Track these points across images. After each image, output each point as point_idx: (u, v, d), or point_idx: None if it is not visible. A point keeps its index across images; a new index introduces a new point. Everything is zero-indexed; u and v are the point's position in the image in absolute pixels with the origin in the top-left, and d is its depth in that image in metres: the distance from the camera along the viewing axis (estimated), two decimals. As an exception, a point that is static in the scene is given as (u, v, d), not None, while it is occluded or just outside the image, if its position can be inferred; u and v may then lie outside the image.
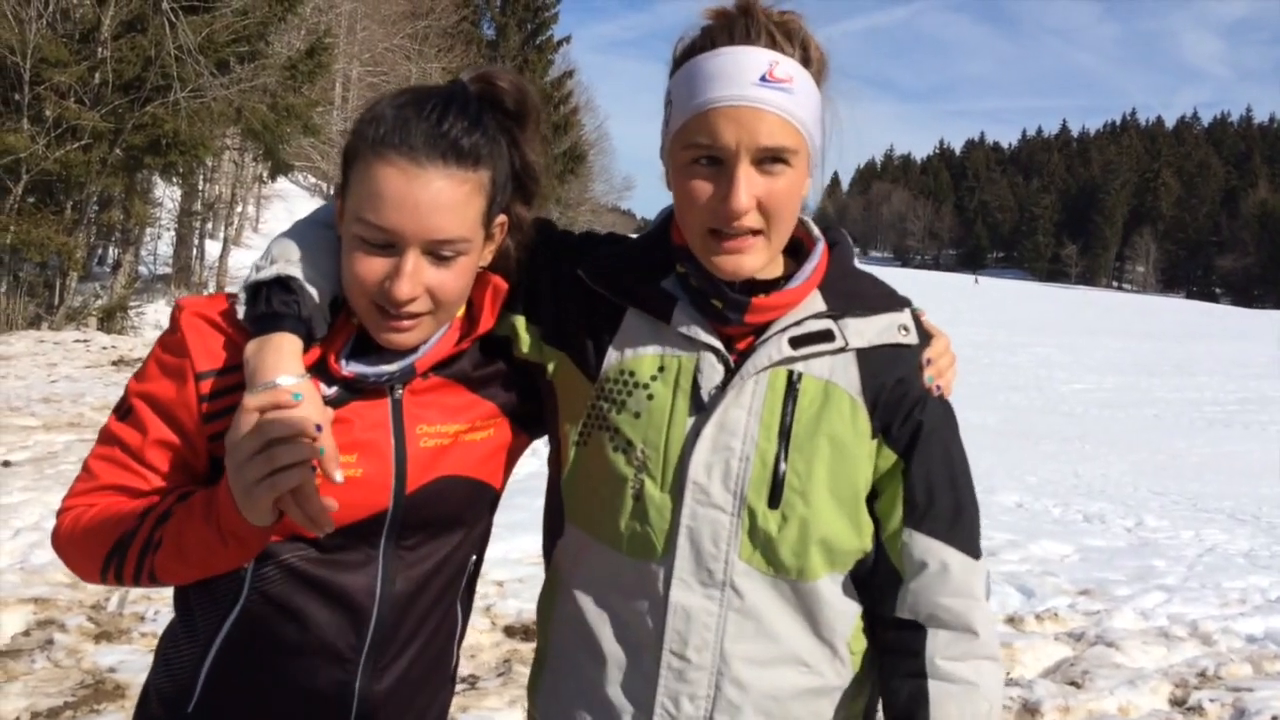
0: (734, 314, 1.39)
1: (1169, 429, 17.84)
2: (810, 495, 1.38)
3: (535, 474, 1.65)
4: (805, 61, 1.35)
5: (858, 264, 1.55)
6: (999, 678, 1.44)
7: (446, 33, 39.55)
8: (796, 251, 1.50)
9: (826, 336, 1.42)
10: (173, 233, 24.93)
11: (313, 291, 1.39)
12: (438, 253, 1.35)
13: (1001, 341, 36.18)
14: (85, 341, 16.01)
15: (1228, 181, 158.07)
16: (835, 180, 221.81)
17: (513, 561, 5.66)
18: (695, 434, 1.38)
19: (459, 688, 1.72)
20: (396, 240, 1.33)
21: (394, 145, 1.32)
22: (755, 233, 1.35)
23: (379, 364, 1.42)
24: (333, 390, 1.40)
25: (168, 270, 24.91)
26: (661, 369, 1.42)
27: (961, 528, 1.44)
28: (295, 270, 1.39)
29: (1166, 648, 5.24)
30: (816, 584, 1.41)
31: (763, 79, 1.30)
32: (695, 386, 1.40)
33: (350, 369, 1.40)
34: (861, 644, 1.48)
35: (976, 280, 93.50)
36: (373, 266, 1.34)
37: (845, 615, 1.45)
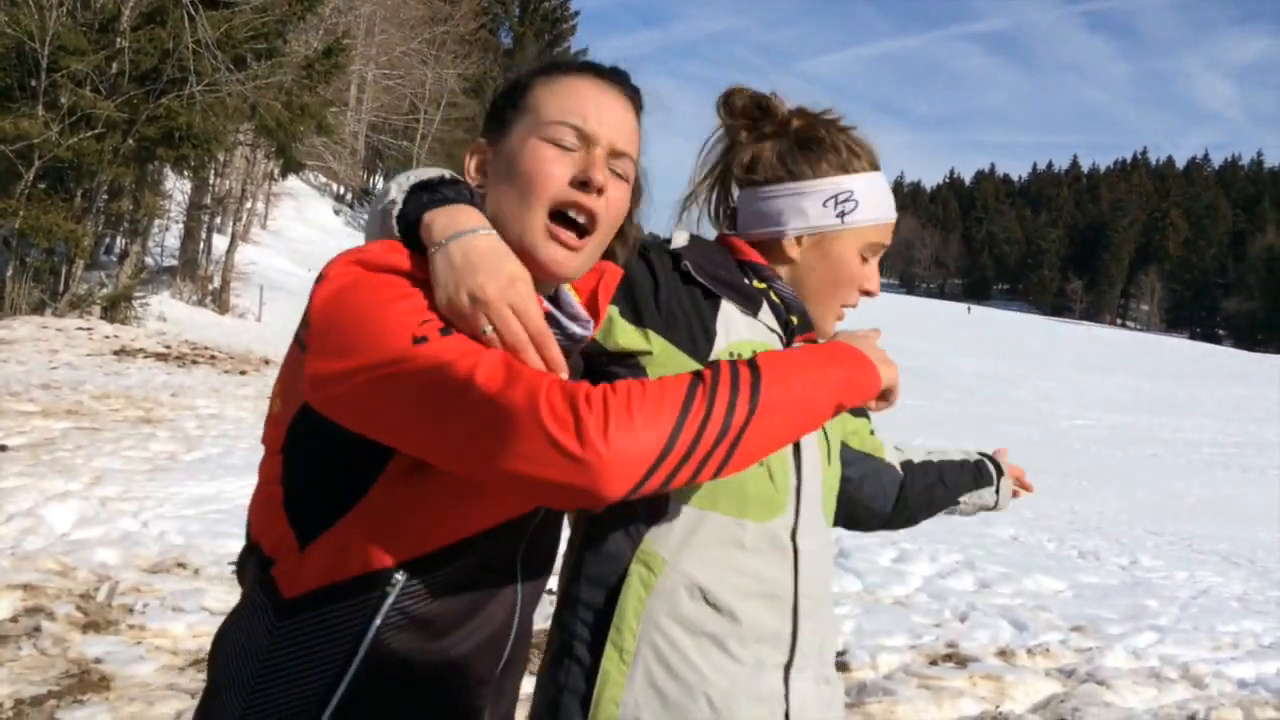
0: (803, 330, 1.76)
1: (1167, 469, 17.82)
2: (834, 457, 1.79)
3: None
4: None
5: None
6: None
7: (464, 39, 39.72)
8: None
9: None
10: (181, 225, 24.98)
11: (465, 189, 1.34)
12: (614, 167, 1.38)
13: (1004, 374, 36.19)
14: (88, 330, 16.03)
15: (1235, 224, 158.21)
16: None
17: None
18: None
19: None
20: (591, 139, 1.35)
21: (582, 68, 1.42)
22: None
23: (564, 318, 1.35)
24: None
25: (174, 263, 24.95)
26: (755, 351, 1.60)
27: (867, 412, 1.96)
28: (439, 176, 1.35)
29: (1157, 689, 5.21)
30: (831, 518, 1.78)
31: None
32: None
33: (547, 305, 1.31)
34: None
35: (969, 310, 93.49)
36: (565, 160, 1.34)
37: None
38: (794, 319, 1.73)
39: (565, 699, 1.56)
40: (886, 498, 2.02)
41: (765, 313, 1.71)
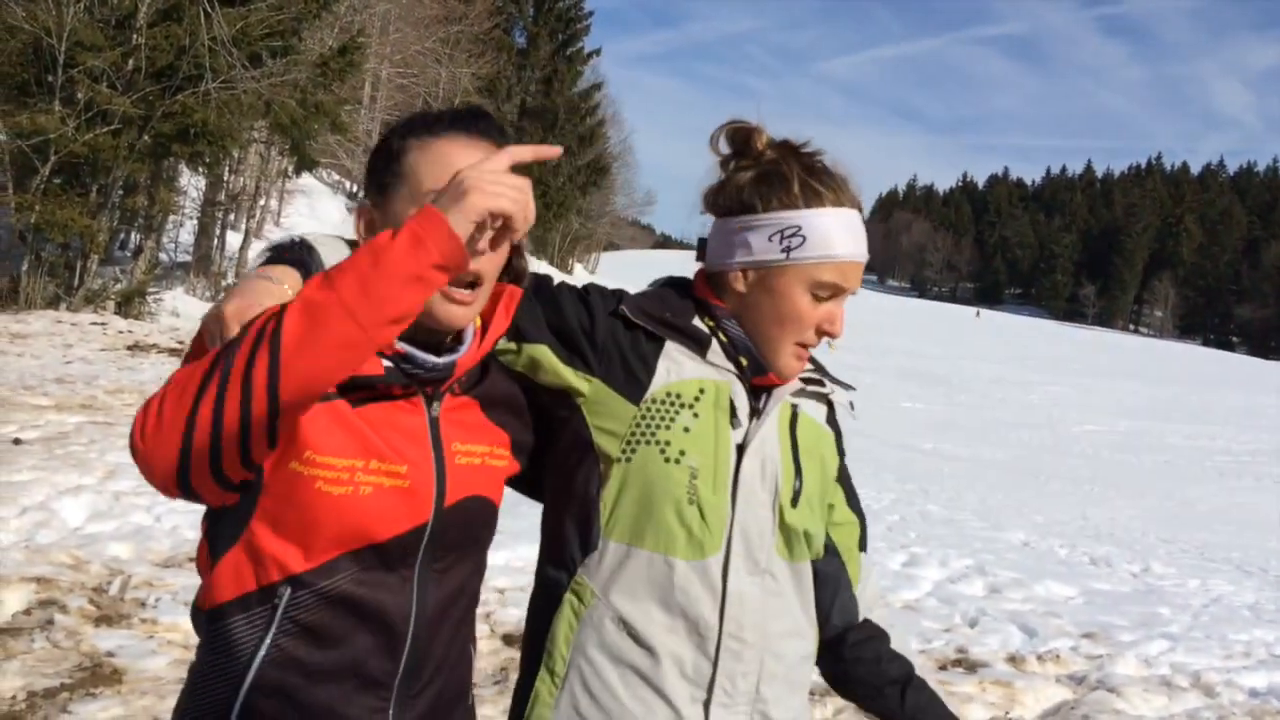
0: (755, 373, 1.70)
1: (1180, 476, 17.72)
2: (812, 500, 1.72)
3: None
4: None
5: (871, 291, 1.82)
6: None
7: (478, 39, 39.77)
8: None
9: (821, 384, 1.80)
10: (195, 222, 25.07)
11: (321, 253, 1.46)
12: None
13: (1014, 378, 36.07)
14: (102, 324, 16.10)
15: (1250, 231, 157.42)
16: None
17: (515, 570, 5.66)
18: (741, 445, 1.65)
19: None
20: None
21: (450, 126, 1.47)
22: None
23: (425, 354, 1.47)
24: (390, 364, 1.44)
25: (188, 259, 25.04)
26: (702, 391, 1.66)
27: (865, 532, 1.88)
28: (315, 243, 1.49)
29: (1168, 697, 5.19)
30: (804, 565, 1.73)
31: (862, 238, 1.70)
32: (732, 407, 1.67)
33: (401, 346, 1.44)
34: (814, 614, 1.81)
35: (978, 314, 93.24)
36: None
37: (810, 584, 1.77)
38: (742, 359, 1.69)
39: (510, 714, 1.71)
40: (825, 621, 1.79)
41: (715, 352, 1.68)
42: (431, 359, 1.47)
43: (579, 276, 62.31)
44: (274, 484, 1.40)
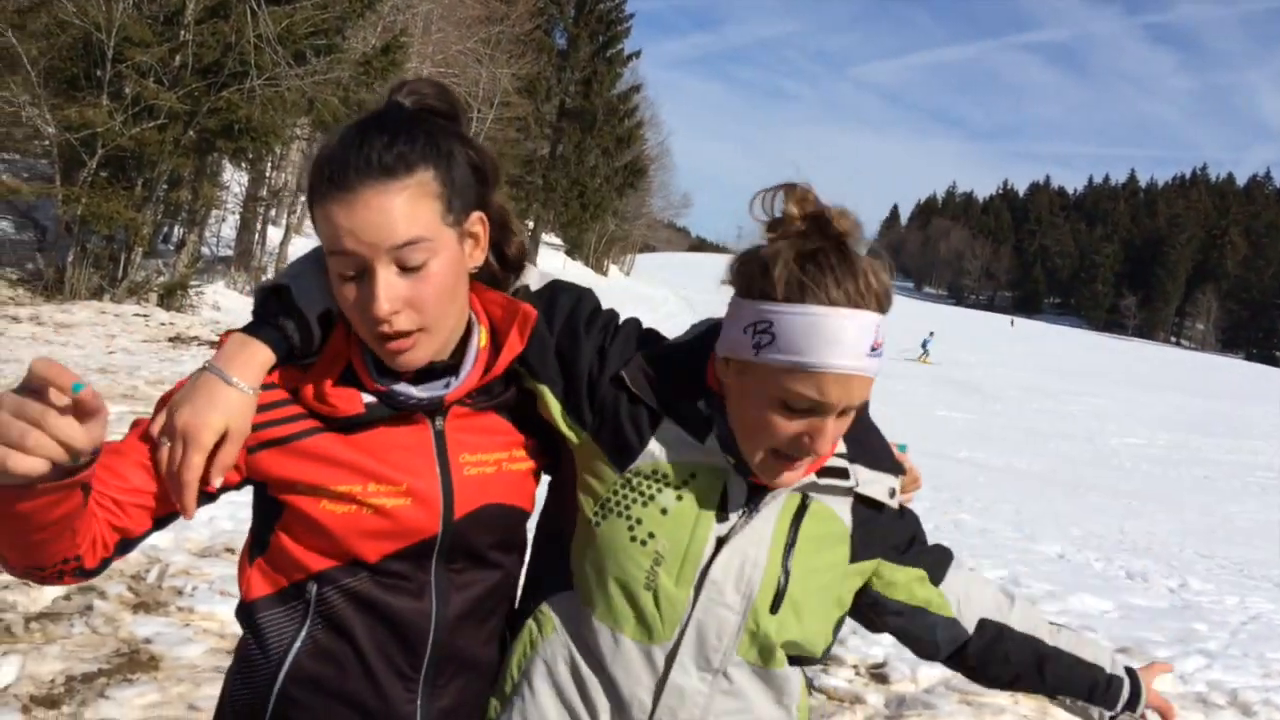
0: (742, 472, 1.54)
1: (1220, 491, 17.47)
2: (802, 607, 1.55)
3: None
4: (888, 307, 1.47)
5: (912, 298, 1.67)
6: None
7: (519, 40, 39.92)
8: None
9: (844, 474, 1.59)
10: (237, 217, 25.34)
11: (299, 300, 1.47)
12: (404, 262, 1.38)
13: (1053, 389, 35.71)
14: (145, 316, 16.33)
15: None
16: (894, 213, 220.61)
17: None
18: (719, 540, 1.52)
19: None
20: (362, 263, 1.38)
21: (332, 183, 1.38)
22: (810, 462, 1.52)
23: (409, 388, 1.48)
24: (373, 400, 1.47)
25: (229, 253, 25.32)
26: (694, 475, 1.53)
27: (944, 553, 1.77)
28: (290, 282, 1.49)
29: (1204, 714, 5.12)
30: (786, 669, 1.60)
31: (871, 349, 1.41)
32: (724, 498, 1.53)
33: (382, 383, 1.47)
34: (804, 700, 1.70)
35: (1012, 323, 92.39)
36: (355, 294, 1.40)
37: (798, 684, 1.65)
38: (730, 458, 1.52)
39: None
40: (938, 650, 1.75)
41: (713, 440, 1.53)
42: (413, 393, 1.47)
43: (613, 278, 62.28)
44: (287, 507, 1.48)
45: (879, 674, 5.03)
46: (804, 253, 1.41)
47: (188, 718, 3.69)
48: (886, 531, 1.67)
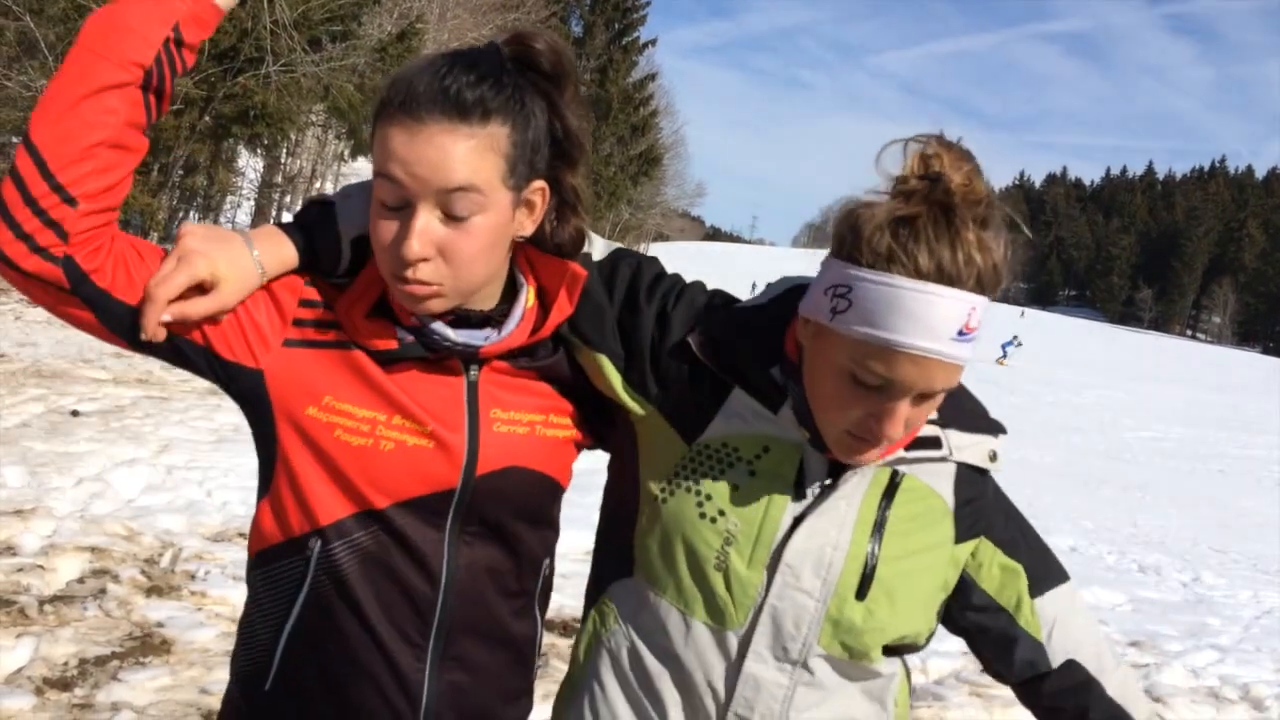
0: (818, 447, 1.40)
1: (1234, 486, 17.37)
2: (896, 593, 1.41)
3: (586, 470, 1.63)
4: (995, 282, 1.29)
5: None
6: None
7: (518, 27, 39.86)
8: None
9: (935, 444, 1.44)
10: (252, 202, 25.43)
11: (340, 218, 1.41)
12: (450, 209, 1.29)
13: (1066, 381, 35.55)
14: (159, 301, 16.39)
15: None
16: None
17: (558, 555, 5.67)
18: (795, 519, 1.39)
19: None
20: (407, 196, 1.29)
21: (399, 105, 1.29)
22: (887, 443, 1.35)
23: (445, 329, 1.39)
24: (409, 339, 1.38)
25: (244, 239, 25.43)
26: (767, 449, 1.41)
27: (1054, 566, 1.58)
28: (338, 199, 1.43)
29: (1215, 709, 5.10)
30: (880, 664, 1.47)
31: (960, 333, 1.25)
32: (801, 474, 1.40)
33: (415, 319, 1.38)
34: (904, 694, 1.57)
35: (1023, 314, 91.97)
36: (389, 228, 1.31)
37: (895, 677, 1.52)
38: (805, 432, 1.40)
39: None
40: (1011, 669, 1.57)
41: (786, 412, 1.41)
42: (448, 334, 1.39)
43: (628, 266, 62.08)
44: (294, 431, 1.39)
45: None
46: (901, 216, 1.26)
47: (200, 701, 3.72)
48: (992, 514, 1.52)
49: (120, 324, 1.32)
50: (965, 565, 1.51)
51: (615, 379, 1.47)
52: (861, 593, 1.39)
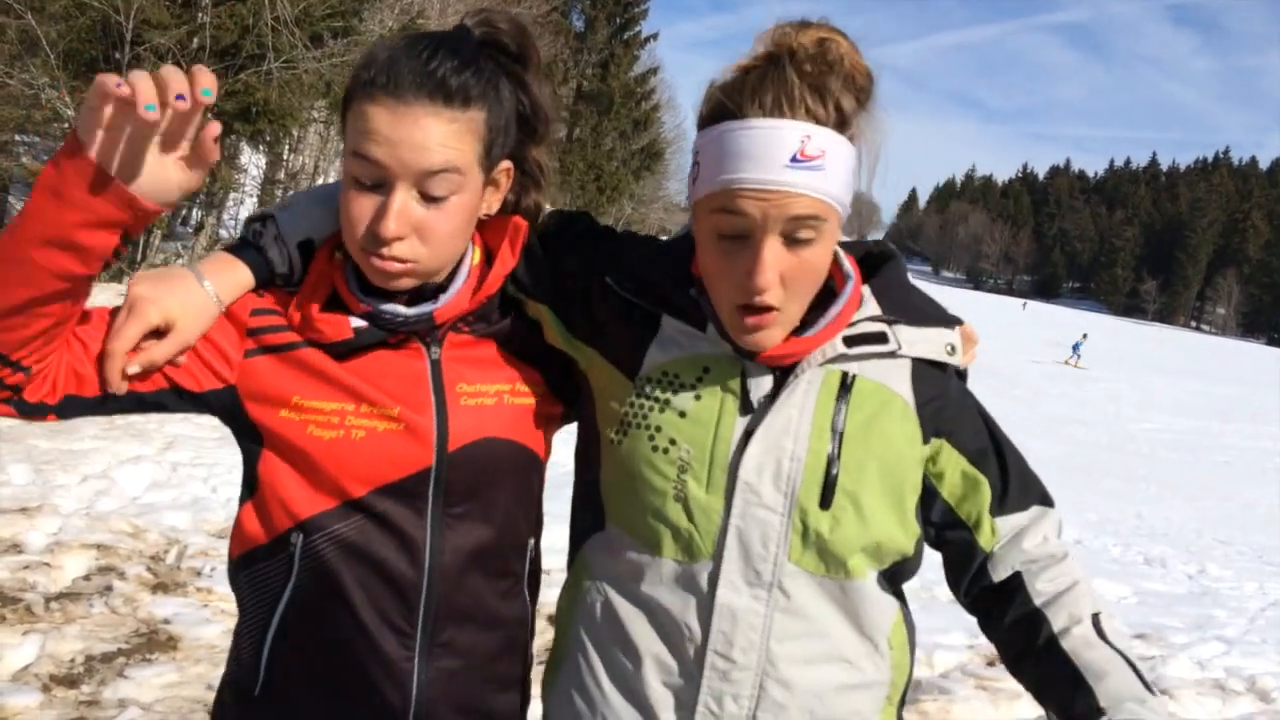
0: (747, 356, 1.38)
1: (1240, 477, 17.35)
2: (861, 497, 1.36)
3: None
4: (840, 123, 1.28)
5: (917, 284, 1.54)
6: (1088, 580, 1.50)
7: (536, 22, 39.78)
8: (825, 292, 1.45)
9: (880, 339, 1.40)
10: (255, 199, 25.41)
11: (282, 228, 1.44)
12: (428, 190, 1.32)
13: (1069, 373, 35.50)
14: (163, 299, 16.41)
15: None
16: (912, 196, 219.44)
17: (557, 551, 5.67)
18: (746, 434, 1.36)
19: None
20: (385, 176, 1.31)
21: (381, 85, 1.30)
22: (778, 309, 1.32)
23: (397, 306, 1.41)
24: (363, 325, 1.40)
25: (247, 235, 25.41)
26: (707, 370, 1.40)
27: (1032, 491, 1.50)
28: (276, 212, 1.46)
29: (1222, 700, 5.10)
30: (862, 582, 1.40)
31: (793, 159, 1.24)
32: (744, 389, 1.38)
33: (367, 303, 1.40)
34: (901, 637, 1.50)
35: (1024, 305, 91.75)
36: (363, 205, 1.33)
37: (887, 612, 1.46)
38: (728, 344, 1.39)
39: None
40: (957, 587, 1.53)
41: (713, 331, 1.39)
42: (401, 311, 1.41)
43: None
44: (271, 434, 1.41)
45: (894, 658, 5.03)
46: (733, 77, 1.30)
47: (206, 697, 3.72)
48: (958, 416, 1.47)
49: (80, 408, 1.33)
50: (927, 471, 1.45)
51: (556, 325, 1.49)
52: (825, 501, 1.35)
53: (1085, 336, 40.51)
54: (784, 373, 1.38)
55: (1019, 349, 39.34)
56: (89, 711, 3.54)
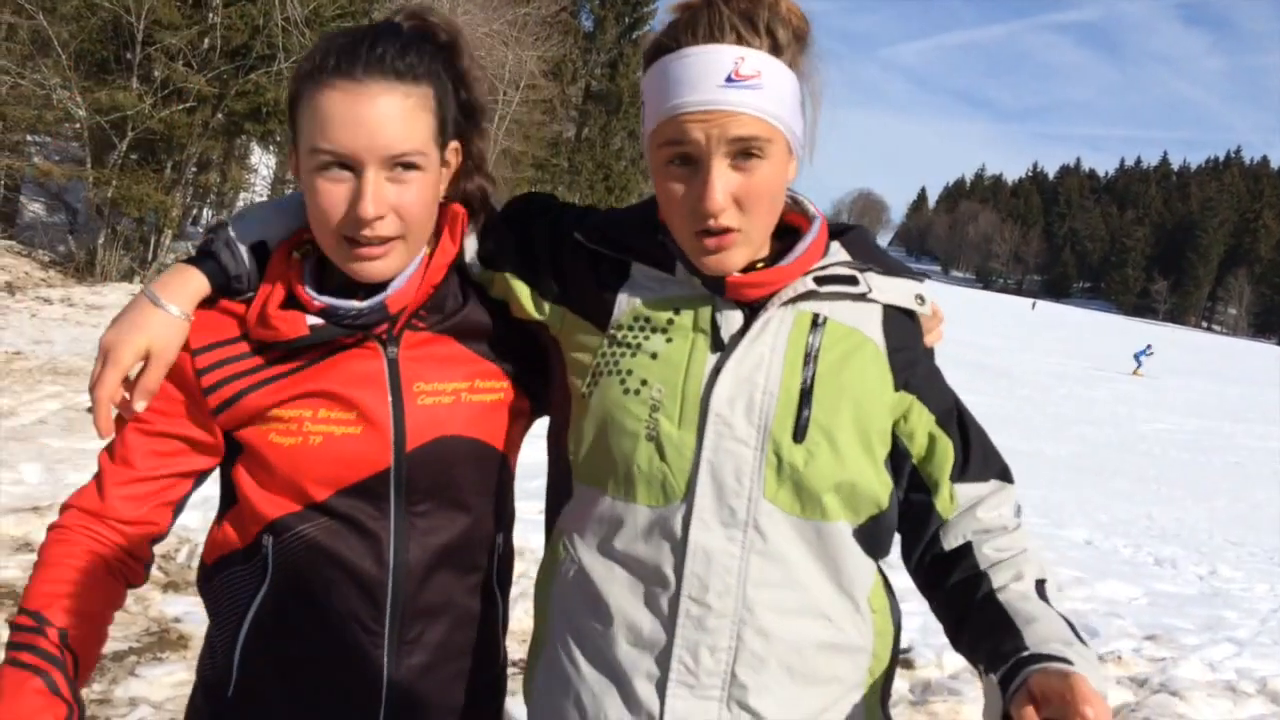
0: (716, 291, 1.40)
1: (1251, 478, 17.28)
2: (835, 433, 1.36)
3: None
4: (774, 49, 1.32)
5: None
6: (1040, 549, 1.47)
7: (545, 22, 39.81)
8: (794, 236, 1.47)
9: (851, 281, 1.42)
10: (265, 199, 25.51)
11: (235, 234, 1.47)
12: (396, 165, 1.35)
13: (1078, 374, 35.40)
14: (173, 298, 16.45)
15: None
16: (922, 196, 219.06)
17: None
18: (717, 370, 1.36)
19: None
20: (353, 161, 1.34)
21: (333, 70, 1.34)
22: (736, 230, 1.34)
23: (350, 301, 1.43)
24: (318, 322, 1.42)
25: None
26: (678, 311, 1.41)
27: (992, 464, 1.49)
28: (230, 220, 1.50)
29: (1233, 702, 5.07)
30: (837, 525, 1.38)
31: (729, 79, 1.28)
32: (715, 327, 1.39)
33: (321, 300, 1.42)
34: (882, 601, 1.48)
35: (1033, 305, 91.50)
36: (335, 194, 1.35)
37: (865, 569, 1.44)
38: (696, 279, 1.40)
39: None
40: (909, 554, 1.50)
41: (681, 269, 1.42)
42: (355, 306, 1.42)
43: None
44: (243, 443, 1.46)
45: (904, 659, 5.02)
46: (668, 19, 1.36)
47: (216, 696, 3.73)
48: (926, 374, 1.47)
49: (159, 538, 1.54)
50: (897, 429, 1.44)
51: (524, 291, 1.50)
52: (799, 434, 1.34)
53: (1149, 347, 40.19)
54: (753, 310, 1.39)
55: (1029, 349, 39.21)
56: (100, 710, 3.56)
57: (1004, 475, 1.50)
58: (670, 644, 1.36)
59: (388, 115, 1.33)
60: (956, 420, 1.48)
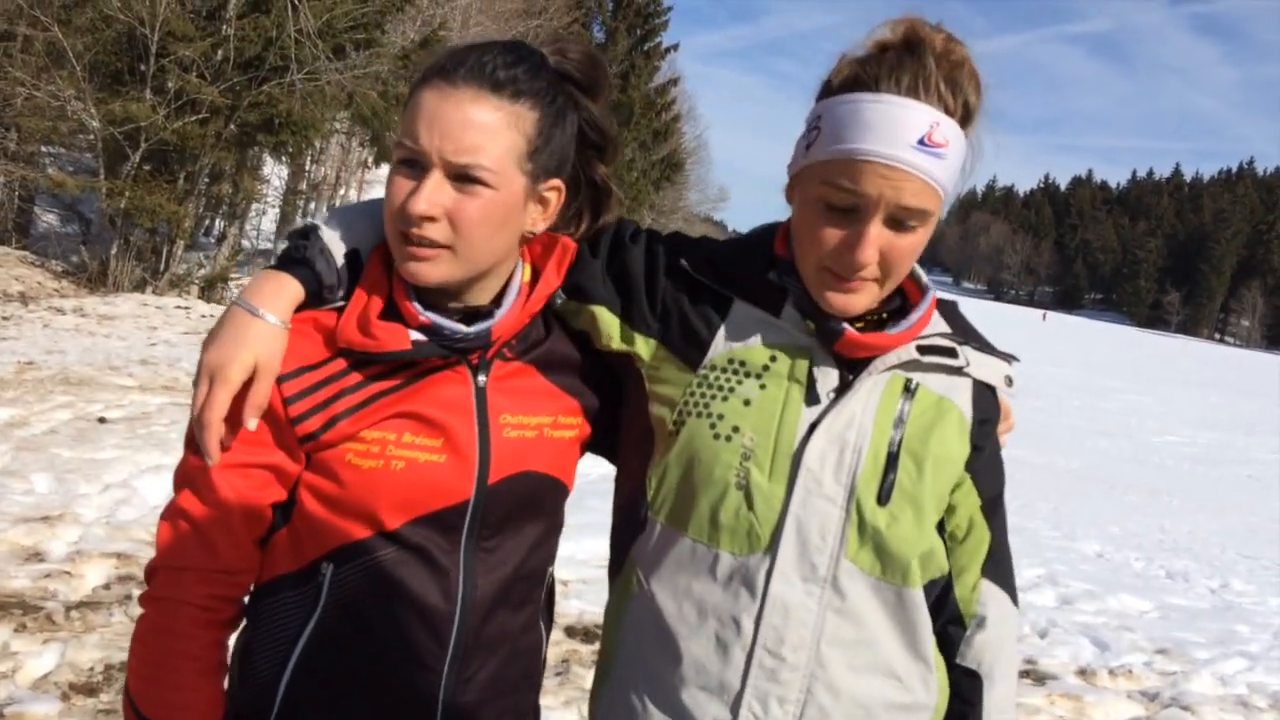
0: (825, 340, 1.40)
1: (1264, 492, 17.15)
2: (919, 500, 1.38)
3: (607, 475, 1.62)
4: (965, 118, 1.33)
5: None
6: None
7: (557, 34, 39.98)
8: (900, 296, 1.48)
9: (951, 353, 1.44)
10: (277, 210, 25.57)
11: (326, 240, 1.42)
12: (460, 173, 1.33)
13: (1091, 385, 35.24)
14: (186, 309, 16.51)
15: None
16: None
17: (579, 562, 5.68)
18: (812, 424, 1.37)
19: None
20: (422, 157, 1.33)
21: (437, 72, 1.35)
22: (873, 280, 1.36)
23: (456, 324, 1.40)
24: (421, 338, 1.38)
25: (270, 246, 25.57)
26: (774, 359, 1.41)
27: (1012, 578, 1.54)
28: (321, 223, 1.45)
29: (1244, 717, 5.04)
30: (916, 592, 1.40)
31: (920, 142, 1.28)
32: (811, 380, 1.39)
33: (427, 316, 1.38)
34: (938, 655, 1.49)
35: (1044, 317, 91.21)
36: (400, 187, 1.35)
37: (930, 628, 1.46)
38: (810, 323, 1.40)
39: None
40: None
41: (790, 313, 1.41)
42: (460, 329, 1.39)
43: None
44: (315, 461, 1.39)
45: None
46: (870, 52, 1.33)
47: (224, 706, 3.73)
48: (990, 457, 1.49)
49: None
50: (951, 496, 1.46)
51: (614, 325, 1.47)
52: (883, 498, 1.36)
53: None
54: (850, 369, 1.40)
55: (1042, 361, 39.09)
56: (108, 720, 3.56)
57: (1014, 596, 1.54)
58: (741, 693, 1.37)
59: (465, 122, 1.32)
60: (998, 507, 1.51)
